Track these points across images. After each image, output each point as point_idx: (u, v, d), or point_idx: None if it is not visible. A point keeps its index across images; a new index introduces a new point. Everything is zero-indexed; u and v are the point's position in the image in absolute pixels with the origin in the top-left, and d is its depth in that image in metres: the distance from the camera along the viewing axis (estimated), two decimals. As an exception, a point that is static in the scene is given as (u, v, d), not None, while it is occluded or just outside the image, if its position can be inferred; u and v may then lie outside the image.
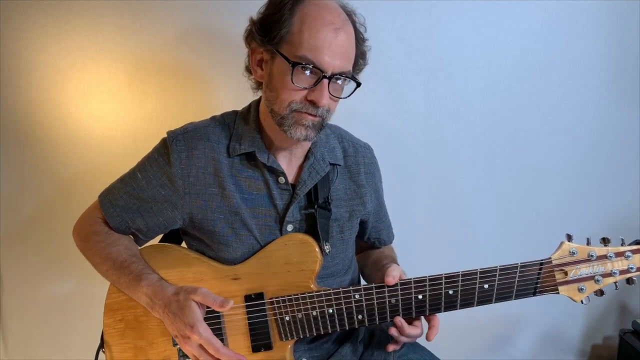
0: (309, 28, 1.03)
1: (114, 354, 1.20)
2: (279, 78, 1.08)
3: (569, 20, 1.74)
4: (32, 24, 1.64)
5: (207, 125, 1.21)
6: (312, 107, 1.07)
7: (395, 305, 1.09)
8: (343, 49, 1.06)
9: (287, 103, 1.07)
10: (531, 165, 1.86)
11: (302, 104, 1.07)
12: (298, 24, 1.04)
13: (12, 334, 1.90)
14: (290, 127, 1.08)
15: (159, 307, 1.08)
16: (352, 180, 1.27)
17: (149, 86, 1.71)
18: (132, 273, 1.13)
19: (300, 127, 1.08)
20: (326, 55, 1.03)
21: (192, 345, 1.05)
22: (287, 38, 1.05)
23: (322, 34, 1.03)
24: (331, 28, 1.04)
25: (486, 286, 1.06)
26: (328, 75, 1.05)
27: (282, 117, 1.09)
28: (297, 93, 1.06)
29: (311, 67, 1.04)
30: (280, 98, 1.08)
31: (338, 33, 1.05)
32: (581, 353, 2.06)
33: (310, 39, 1.03)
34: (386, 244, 1.45)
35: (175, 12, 1.66)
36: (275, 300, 1.12)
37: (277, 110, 1.09)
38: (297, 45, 1.04)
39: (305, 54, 1.03)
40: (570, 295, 1.06)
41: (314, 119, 1.09)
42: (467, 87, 1.78)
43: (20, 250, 1.83)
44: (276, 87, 1.09)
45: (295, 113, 1.08)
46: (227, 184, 1.15)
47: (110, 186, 1.25)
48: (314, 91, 1.06)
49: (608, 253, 1.05)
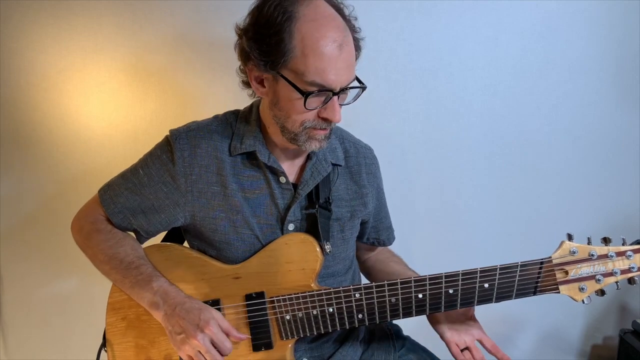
0: (312, 51, 0.99)
1: (115, 353, 1.20)
2: (287, 100, 1.05)
3: (569, 20, 1.74)
4: (32, 24, 1.64)
5: (209, 124, 1.21)
6: (326, 123, 1.07)
7: (395, 304, 1.09)
8: (347, 62, 1.04)
9: (300, 123, 1.07)
10: (531, 165, 1.86)
11: (314, 121, 1.07)
12: (300, 46, 0.99)
13: (12, 334, 1.90)
14: (304, 142, 1.09)
15: (168, 305, 1.07)
16: (354, 180, 1.27)
17: (149, 86, 1.71)
18: (142, 274, 1.12)
19: (314, 141, 1.09)
20: (333, 75, 1.01)
21: (192, 346, 1.04)
22: (289, 63, 1.01)
23: (326, 55, 0.99)
24: (335, 46, 1.00)
25: (486, 285, 1.06)
26: (337, 92, 1.04)
27: (296, 134, 1.08)
28: (310, 114, 1.06)
29: (322, 91, 1.02)
30: (292, 119, 1.07)
31: (342, 50, 1.01)
32: (581, 353, 2.07)
33: (316, 63, 0.99)
34: (385, 245, 1.44)
35: (175, 12, 1.66)
36: (276, 300, 1.12)
37: (289, 129, 1.09)
38: (303, 71, 1.00)
39: (314, 79, 1.00)
40: (571, 295, 1.06)
41: (326, 132, 1.10)
42: (467, 87, 1.78)
43: (20, 250, 1.83)
44: (285, 108, 1.07)
45: (309, 130, 1.08)
46: (229, 183, 1.16)
47: (111, 182, 1.23)
48: (326, 109, 1.05)
49: (609, 252, 1.04)
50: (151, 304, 1.10)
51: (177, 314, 1.05)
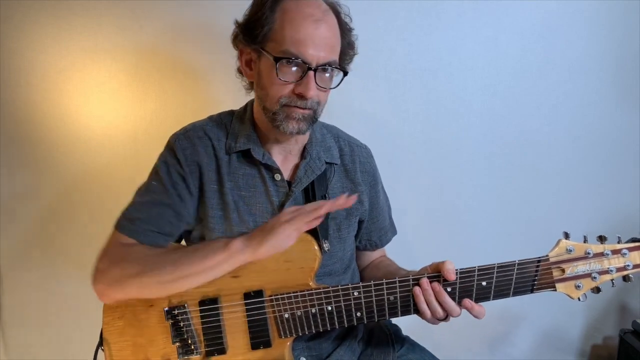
0: (289, 23, 1.05)
1: (112, 352, 1.20)
2: (266, 75, 1.10)
3: (569, 20, 1.74)
4: (32, 24, 1.65)
5: (205, 124, 1.23)
6: (301, 100, 1.09)
7: (393, 302, 1.09)
8: (326, 40, 1.08)
9: (277, 99, 1.09)
10: (531, 165, 1.86)
11: (290, 98, 1.09)
12: (279, 20, 1.06)
13: (12, 334, 1.90)
14: (282, 122, 1.11)
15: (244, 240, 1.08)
16: (349, 179, 1.28)
17: (149, 86, 1.72)
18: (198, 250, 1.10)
19: (291, 120, 1.11)
20: (309, 48, 1.05)
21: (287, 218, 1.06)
22: (269, 36, 1.08)
23: (303, 27, 1.05)
24: (311, 20, 1.06)
25: (484, 283, 1.06)
26: (313, 67, 1.07)
27: (274, 112, 1.11)
28: (285, 87, 1.08)
29: (296, 61, 1.06)
30: (270, 95, 1.10)
31: (319, 24, 1.06)
32: (581, 353, 2.06)
33: (292, 33, 1.05)
34: (377, 247, 1.41)
35: (175, 12, 1.67)
36: (275, 298, 1.12)
37: (268, 107, 1.12)
38: (280, 41, 1.06)
39: (288, 48, 1.05)
40: (568, 293, 1.06)
41: (304, 111, 1.11)
42: (467, 87, 1.78)
43: (20, 251, 1.83)
44: (265, 84, 1.11)
45: (285, 108, 1.10)
46: (225, 182, 1.17)
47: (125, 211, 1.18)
48: (301, 84, 1.08)
49: (605, 250, 1.05)
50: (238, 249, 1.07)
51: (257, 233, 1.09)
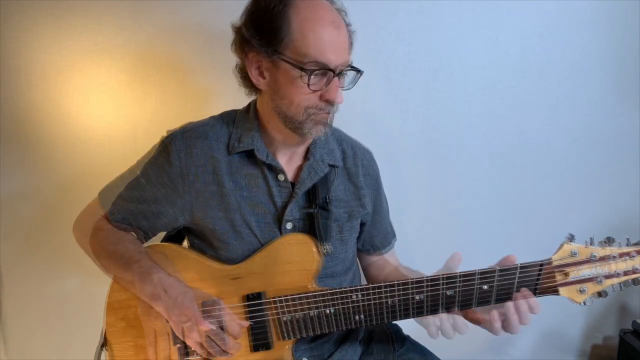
0: (312, 31, 1.03)
1: (114, 352, 1.20)
2: (289, 85, 1.08)
3: (569, 20, 1.74)
4: (32, 24, 1.64)
5: (205, 124, 1.22)
6: (329, 105, 1.10)
7: (393, 306, 1.09)
8: (344, 44, 1.08)
9: (304, 108, 1.09)
10: (531, 165, 1.86)
11: (318, 104, 1.09)
12: (299, 29, 1.03)
13: (12, 334, 1.90)
14: (310, 129, 1.10)
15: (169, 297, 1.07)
16: (351, 181, 1.28)
17: (149, 86, 1.71)
18: (142, 267, 1.11)
19: (319, 126, 1.11)
20: (332, 55, 1.05)
21: (201, 332, 1.05)
22: (289, 46, 1.05)
23: (326, 35, 1.04)
24: (333, 27, 1.05)
25: (485, 287, 1.06)
26: (337, 72, 1.07)
27: (300, 121, 1.10)
28: (313, 96, 1.08)
29: (323, 70, 1.05)
30: (295, 103, 1.08)
31: (340, 30, 1.06)
32: (581, 353, 2.06)
33: (316, 42, 1.03)
34: (379, 250, 1.41)
35: (175, 12, 1.66)
36: (275, 300, 1.12)
37: (292, 116, 1.10)
38: (305, 51, 1.04)
39: (315, 58, 1.04)
40: (571, 297, 1.04)
41: (330, 115, 1.13)
42: (467, 87, 1.78)
43: (20, 250, 1.83)
44: (287, 94, 1.09)
45: (313, 115, 1.10)
46: (226, 182, 1.16)
47: (111, 184, 1.27)
48: (328, 90, 1.07)
49: (611, 254, 1.02)
50: (152, 295, 1.09)
51: (180, 303, 1.06)
